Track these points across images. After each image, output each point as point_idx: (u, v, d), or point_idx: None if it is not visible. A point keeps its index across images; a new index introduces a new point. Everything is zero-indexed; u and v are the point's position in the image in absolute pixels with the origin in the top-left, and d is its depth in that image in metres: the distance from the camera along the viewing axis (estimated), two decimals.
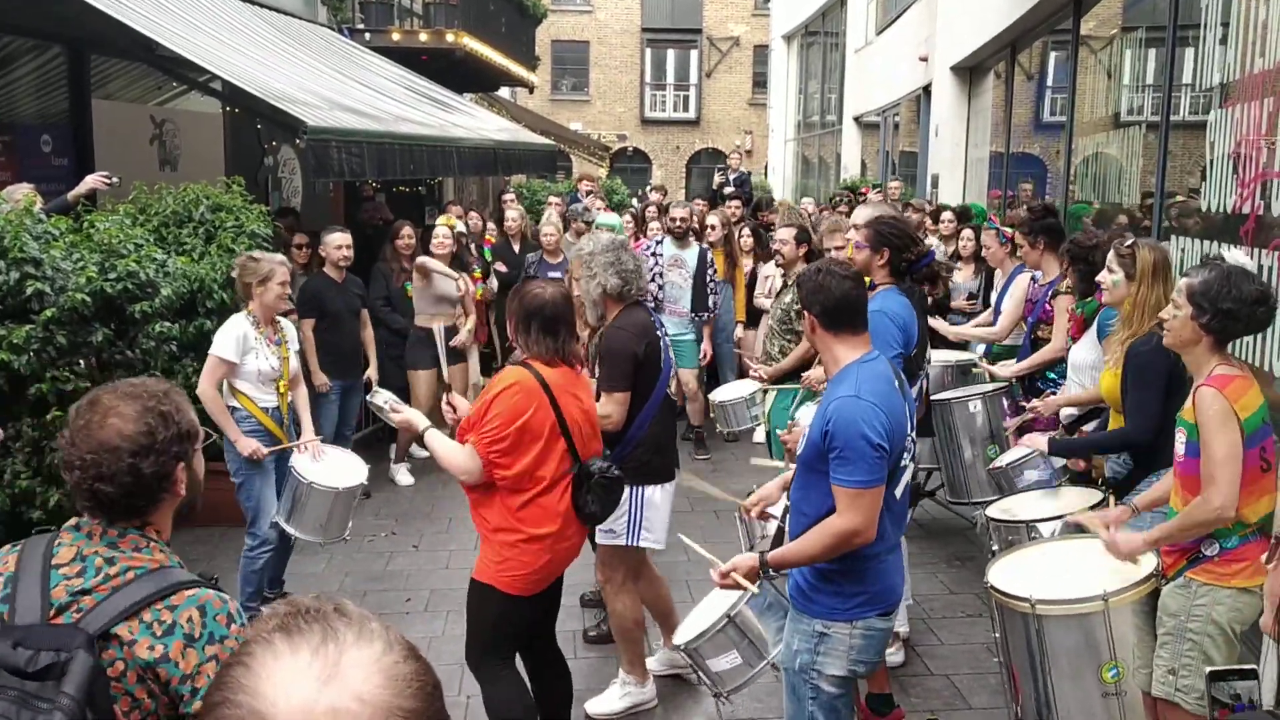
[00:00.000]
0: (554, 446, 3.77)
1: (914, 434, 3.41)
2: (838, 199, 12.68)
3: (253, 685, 0.96)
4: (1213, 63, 5.95)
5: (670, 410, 4.92)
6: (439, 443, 3.86)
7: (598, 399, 4.55)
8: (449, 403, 4.14)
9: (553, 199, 11.42)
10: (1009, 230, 6.81)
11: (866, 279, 4.35)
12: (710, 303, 8.57)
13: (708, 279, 8.55)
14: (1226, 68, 5.67)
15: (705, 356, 8.58)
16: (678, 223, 8.56)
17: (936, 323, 6.96)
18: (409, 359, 8.03)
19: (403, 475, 8.02)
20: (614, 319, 4.62)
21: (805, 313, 3.37)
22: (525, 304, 3.84)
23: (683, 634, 3.86)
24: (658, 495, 4.73)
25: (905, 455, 3.32)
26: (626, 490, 4.57)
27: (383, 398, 4.21)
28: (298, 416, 5.65)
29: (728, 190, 13.94)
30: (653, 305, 8.40)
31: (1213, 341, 3.39)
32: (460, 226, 8.80)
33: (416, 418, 4.00)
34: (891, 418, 3.16)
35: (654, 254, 8.54)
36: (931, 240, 9.24)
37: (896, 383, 3.32)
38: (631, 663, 4.86)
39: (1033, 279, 6.29)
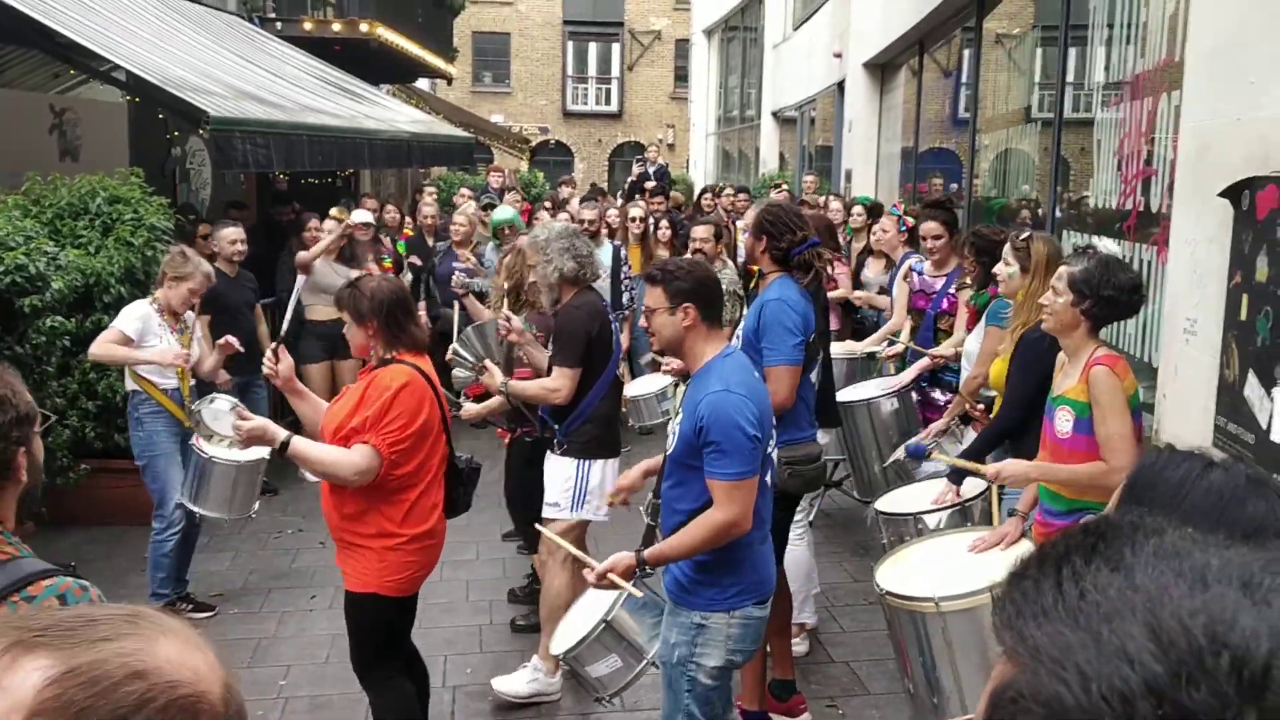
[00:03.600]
0: (439, 442, 3.78)
1: (775, 421, 3.51)
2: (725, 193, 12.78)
3: None
4: (1099, 62, 6.12)
5: (617, 390, 5.05)
6: (314, 449, 3.61)
7: (549, 374, 4.71)
8: (273, 351, 3.92)
9: (464, 190, 11.31)
10: (910, 220, 6.89)
11: (756, 268, 4.50)
12: (625, 299, 8.54)
13: (622, 275, 8.55)
14: (1111, 67, 5.84)
15: (621, 351, 8.58)
16: (587, 225, 8.54)
17: (839, 292, 6.96)
18: (300, 352, 7.79)
19: (309, 472, 7.87)
20: (568, 300, 4.79)
21: (684, 307, 3.32)
22: (382, 297, 3.71)
23: (559, 643, 3.77)
24: (602, 470, 4.83)
25: (771, 442, 3.41)
26: (574, 463, 4.76)
27: (225, 405, 4.05)
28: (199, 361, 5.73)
29: (649, 184, 13.91)
30: None
31: (1090, 326, 3.54)
32: (366, 217, 8.66)
33: (271, 426, 3.60)
34: (761, 408, 3.24)
35: None
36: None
37: (757, 372, 3.42)
38: (548, 648, 4.85)
39: (913, 269, 6.35)
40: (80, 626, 0.93)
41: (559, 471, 4.80)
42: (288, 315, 4.56)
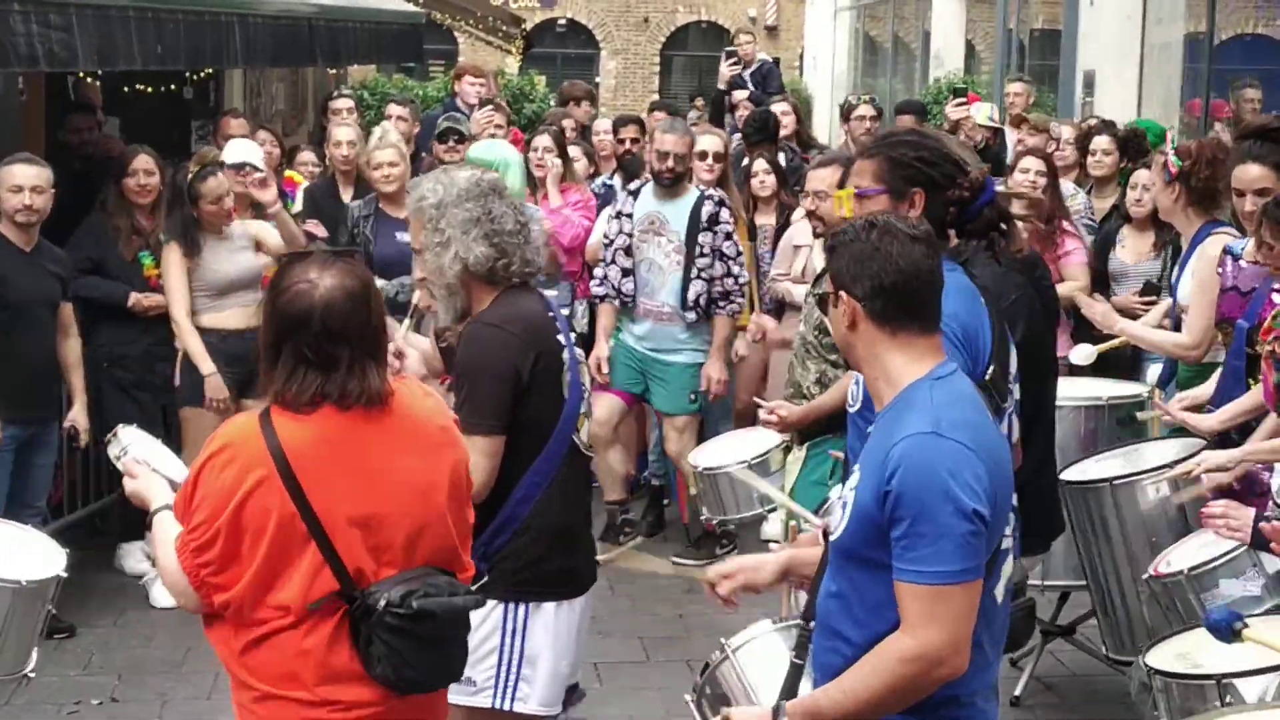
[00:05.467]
0: (295, 558, 3.73)
1: (1015, 498, 3.60)
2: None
3: None
4: None
5: (582, 470, 5.07)
6: (164, 539, 3.85)
7: None
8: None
9: (394, 108, 11.32)
10: (1174, 164, 6.83)
11: None
12: (695, 292, 8.58)
13: (700, 249, 8.57)
14: None
15: (708, 384, 8.67)
16: (670, 164, 8.57)
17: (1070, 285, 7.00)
18: (181, 390, 8.06)
19: (161, 590, 7.79)
20: (482, 313, 4.79)
21: (840, 294, 3.50)
22: (277, 309, 3.80)
23: None
24: (551, 622, 4.82)
25: (1007, 530, 3.51)
26: (499, 612, 4.68)
27: (126, 442, 4.22)
28: None
29: (739, 95, 13.88)
30: (619, 303, 8.46)
31: None
32: (248, 154, 8.75)
33: (151, 489, 4.02)
34: (993, 468, 3.37)
35: (620, 213, 8.64)
36: (1068, 189, 9.37)
37: (988, 412, 3.56)
38: None
39: (1229, 251, 6.36)
40: None
41: (475, 625, 4.50)
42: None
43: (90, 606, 7.78)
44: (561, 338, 4.89)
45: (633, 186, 8.90)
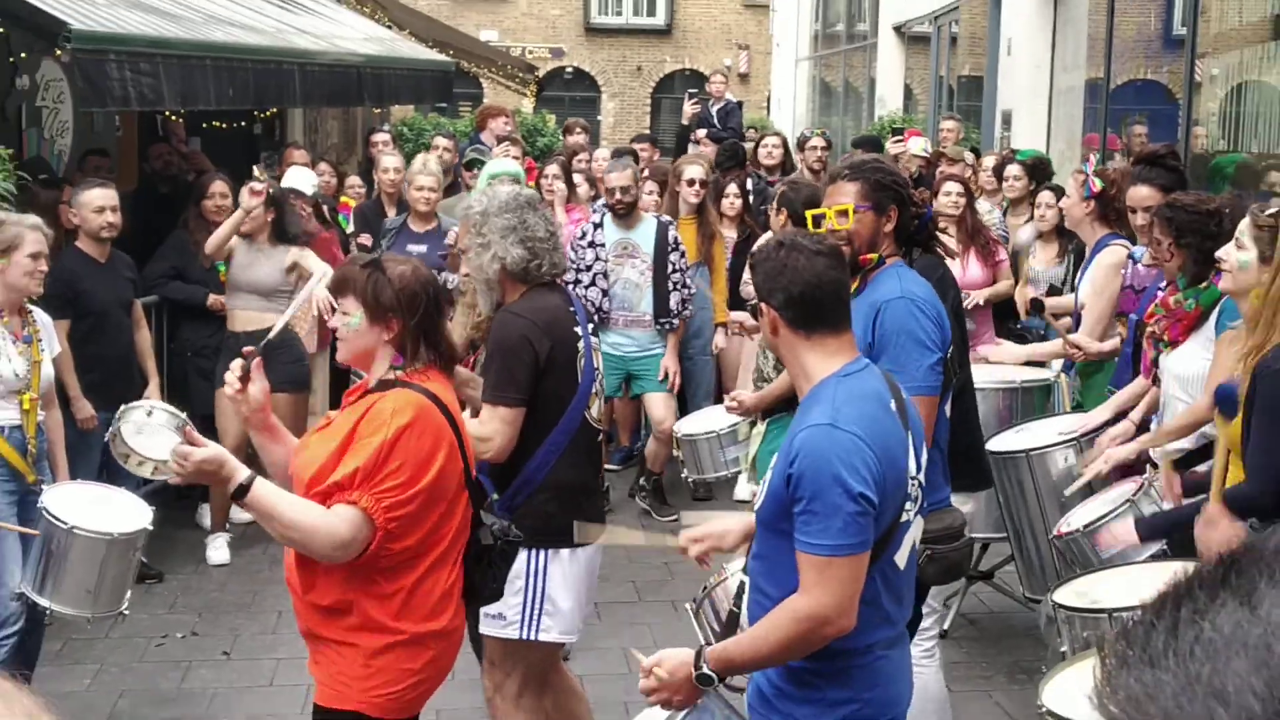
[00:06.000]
0: (458, 502, 3.90)
1: (920, 476, 3.60)
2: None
3: None
4: None
5: (591, 441, 5.11)
6: (285, 502, 3.71)
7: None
8: (240, 367, 3.91)
9: (440, 139, 11.55)
10: (1096, 183, 6.89)
11: (874, 255, 4.46)
12: (675, 301, 8.59)
13: (671, 266, 8.55)
14: None
15: (671, 377, 8.65)
16: (617, 196, 8.54)
17: (988, 349, 7.27)
18: (220, 374, 7.90)
19: (217, 549, 8.03)
20: (510, 304, 4.87)
21: (763, 306, 3.53)
22: (417, 287, 3.87)
23: None
24: (567, 565, 4.89)
25: (908, 506, 3.49)
26: (523, 558, 4.70)
27: (165, 417, 4.18)
28: (49, 449, 5.76)
29: (699, 133, 13.86)
30: (597, 318, 8.23)
31: None
32: (305, 181, 8.91)
33: (230, 460, 3.71)
34: (883, 456, 3.32)
35: (592, 243, 8.55)
36: (984, 207, 9.49)
37: (894, 404, 3.50)
38: None
39: (1131, 257, 6.44)
40: None
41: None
42: (284, 317, 4.52)
43: (175, 556, 7.88)
44: (579, 329, 4.95)
45: (595, 218, 8.76)
